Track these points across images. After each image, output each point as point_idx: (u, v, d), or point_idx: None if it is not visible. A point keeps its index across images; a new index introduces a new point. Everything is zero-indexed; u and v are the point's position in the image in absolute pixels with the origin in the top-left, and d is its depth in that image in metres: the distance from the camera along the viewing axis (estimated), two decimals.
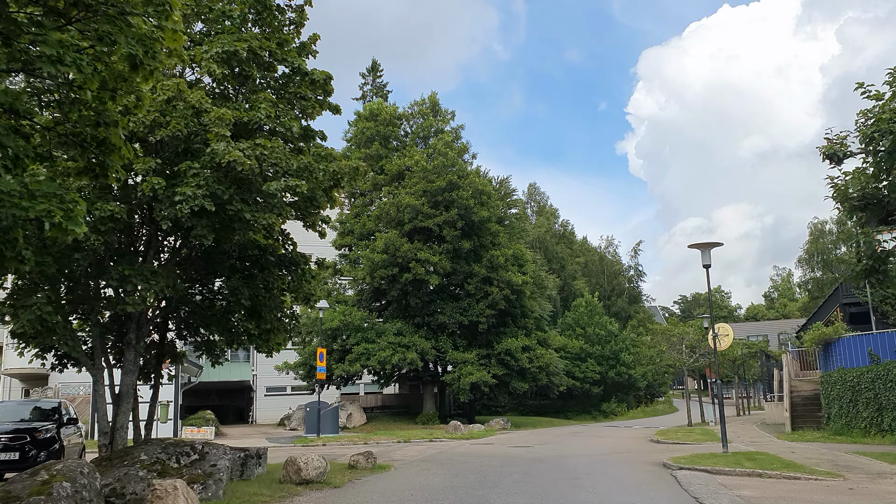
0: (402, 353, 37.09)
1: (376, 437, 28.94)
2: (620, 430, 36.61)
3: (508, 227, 47.89)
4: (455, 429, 30.33)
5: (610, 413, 64.29)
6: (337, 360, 38.70)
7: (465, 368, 38.09)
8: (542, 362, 41.08)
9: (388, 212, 38.25)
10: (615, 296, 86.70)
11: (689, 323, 37.92)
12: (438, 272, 37.92)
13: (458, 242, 38.82)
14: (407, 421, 41.49)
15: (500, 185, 50.46)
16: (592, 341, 65.30)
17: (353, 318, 37.63)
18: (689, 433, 29.11)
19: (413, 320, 39.96)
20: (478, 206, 38.94)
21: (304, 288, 15.18)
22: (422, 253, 37.13)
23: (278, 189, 11.71)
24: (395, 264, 37.81)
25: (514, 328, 41.95)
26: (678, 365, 35.47)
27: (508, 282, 39.56)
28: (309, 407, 32.18)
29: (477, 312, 39.29)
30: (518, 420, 53.18)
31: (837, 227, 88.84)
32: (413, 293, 39.09)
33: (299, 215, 13.80)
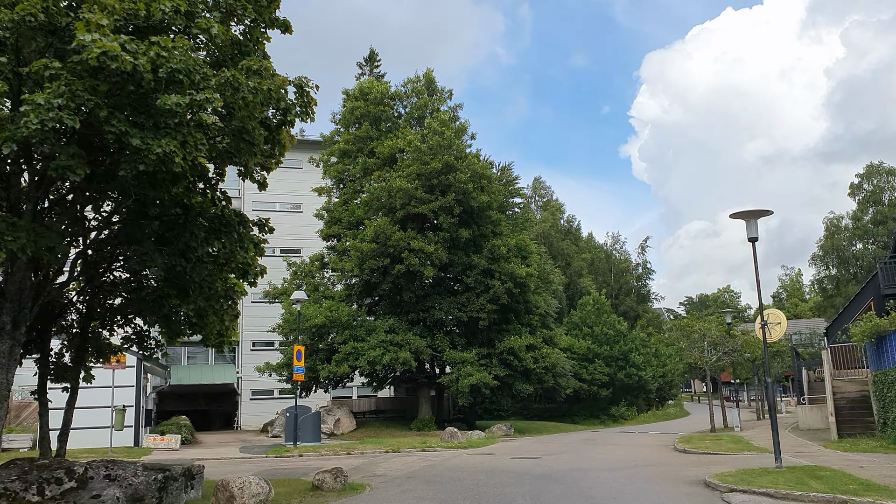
0: (393, 353, 33.60)
1: (362, 447, 25.45)
2: (636, 437, 33.09)
3: (511, 217, 44.41)
4: (451, 436, 26.81)
5: (619, 417, 60.71)
6: (323, 361, 35.23)
7: (464, 369, 34.59)
8: (549, 362, 37.56)
9: (379, 197, 34.78)
10: (622, 294, 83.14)
11: (708, 318, 34.32)
12: (434, 263, 34.42)
13: (456, 231, 35.32)
14: (401, 427, 37.99)
15: (501, 172, 47.05)
16: (600, 341, 61.78)
17: (340, 314, 34.14)
18: (717, 440, 25.57)
19: (407, 317, 36.45)
20: (477, 191, 35.43)
21: (238, 257, 11.73)
22: (415, 242, 33.64)
23: (180, 105, 8.17)
24: (387, 255, 34.32)
25: (517, 325, 38.43)
26: (700, 364, 31.92)
27: (511, 274, 36.04)
28: (289, 412, 28.72)
29: (477, 308, 35.79)
30: (522, 425, 49.65)
31: (854, 223, 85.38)
32: (406, 287, 35.59)
33: (228, 152, 10.30)
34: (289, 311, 35.77)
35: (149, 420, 31.13)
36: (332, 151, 38.88)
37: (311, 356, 35.55)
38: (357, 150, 38.57)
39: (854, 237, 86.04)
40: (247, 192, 51.02)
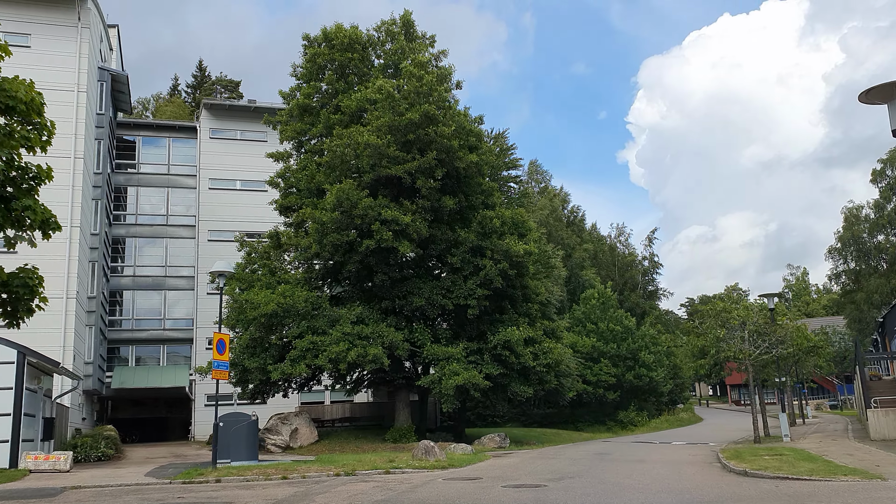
0: (361, 348, 27.24)
1: (307, 468, 19.04)
2: (661, 449, 26.74)
3: (506, 191, 38.10)
4: (426, 453, 20.40)
5: (628, 423, 54.42)
6: (275, 359, 28.85)
7: (449, 367, 28.22)
8: (551, 359, 31.20)
9: (343, 157, 28.40)
10: (627, 290, 76.83)
11: (748, 304, 27.99)
12: (411, 238, 28.05)
13: (438, 199, 28.99)
14: (375, 438, 31.60)
15: (495, 140, 40.59)
16: (606, 339, 55.52)
17: (296, 301, 27.74)
18: (780, 457, 19.20)
19: (379, 304, 30.08)
20: (464, 150, 29.11)
21: None
22: (388, 211, 27.29)
23: None
24: (352, 227, 27.99)
25: (513, 315, 32.10)
26: (741, 358, 25.61)
27: (506, 252, 29.70)
28: (222, 421, 22.34)
29: (464, 293, 29.47)
30: (520, 433, 43.25)
31: (875, 212, 79.25)
32: (378, 267, 29.24)
33: None
34: (233, 297, 29.38)
35: (49, 433, 24.67)
36: (291, 110, 32.49)
37: (260, 353, 29.23)
38: (320, 106, 32.24)
39: (876, 228, 79.79)
40: (203, 168, 44.66)
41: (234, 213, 43.89)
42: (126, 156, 45.48)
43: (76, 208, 32.41)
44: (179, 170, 45.85)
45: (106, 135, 38.04)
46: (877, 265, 79.27)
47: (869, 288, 75.33)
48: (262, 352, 29.38)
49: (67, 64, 33.51)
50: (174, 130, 46.27)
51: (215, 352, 19.59)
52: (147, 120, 45.94)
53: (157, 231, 45.07)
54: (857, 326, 78.41)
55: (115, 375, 41.24)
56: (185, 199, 45.47)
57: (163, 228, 45.01)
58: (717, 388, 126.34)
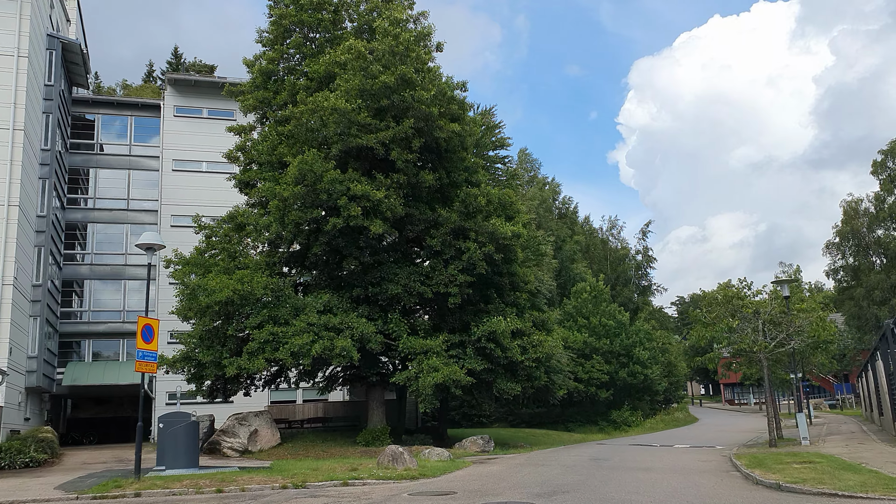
0: (327, 340, 24.12)
1: (250, 477, 15.94)
2: (663, 454, 23.76)
3: (493, 171, 35.07)
4: (394, 460, 17.31)
5: (622, 423, 51.53)
6: (232, 352, 25.70)
7: (428, 362, 25.15)
8: (540, 353, 28.16)
9: (307, 124, 25.23)
10: (620, 285, 73.94)
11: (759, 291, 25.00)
12: (385, 216, 24.93)
13: (416, 174, 25.89)
14: (346, 440, 28.51)
15: (481, 116, 37.39)
16: (598, 334, 52.64)
17: (255, 287, 24.57)
18: (811, 465, 16.24)
19: (350, 292, 26.97)
20: (445, 120, 26.01)
21: None
22: (358, 186, 24.15)
23: None
24: (317, 203, 24.84)
25: (499, 304, 29.06)
26: (756, 350, 22.63)
27: (492, 234, 26.65)
28: (162, 422, 19.22)
29: (445, 280, 26.41)
30: (507, 434, 40.28)
31: (876, 205, 76.70)
32: (348, 250, 26.13)
33: None
34: (184, 283, 26.20)
35: None
36: (254, 78, 29.27)
37: (216, 346, 26.11)
38: (286, 73, 29.09)
39: (875, 222, 77.18)
40: (166, 149, 41.39)
41: (199, 197, 40.54)
42: (84, 135, 42.14)
43: (14, 185, 29.11)
44: (142, 150, 42.54)
45: (56, 108, 34.69)
46: (877, 260, 76.74)
47: (869, 284, 72.70)
48: (218, 345, 26.27)
49: (6, 25, 30.19)
50: (136, 108, 42.94)
51: (140, 340, 16.42)
52: (106, 97, 42.62)
53: (118, 216, 41.77)
54: (855, 323, 75.82)
55: (67, 372, 37.91)
56: (148, 181, 42.19)
57: (123, 213, 41.71)
58: (709, 387, 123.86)
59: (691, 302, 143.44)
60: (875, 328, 72.77)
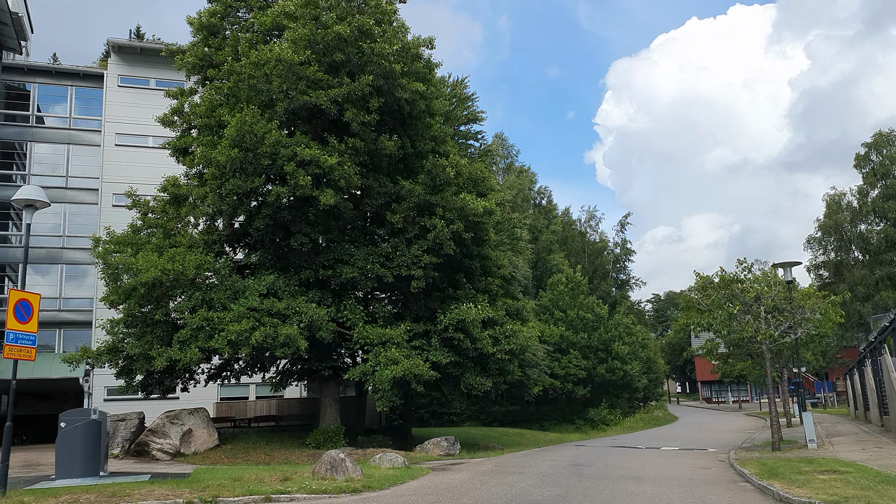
0: (270, 328, 20.92)
1: (150, 490, 12.75)
2: (651, 458, 20.88)
3: (464, 147, 32.04)
4: (332, 468, 14.19)
5: (600, 422, 48.80)
6: (161, 341, 22.41)
7: (386, 353, 22.06)
8: (514, 344, 25.18)
9: (249, 80, 21.94)
10: (598, 278, 71.30)
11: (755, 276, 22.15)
12: (337, 186, 21.74)
13: (375, 139, 22.73)
14: (295, 441, 25.31)
15: (452, 88, 34.05)
16: (576, 328, 49.85)
17: (186, 267, 21.28)
18: (838, 474, 13.39)
19: (299, 274, 23.76)
20: (408, 79, 22.88)
21: None
22: (305, 150, 20.91)
23: None
24: (259, 170, 21.56)
25: (469, 290, 26.05)
26: (760, 340, 19.80)
27: (461, 210, 23.61)
28: (64, 421, 15.91)
29: (408, 261, 23.31)
30: (478, 434, 37.32)
31: (859, 199, 74.89)
32: (296, 225, 22.93)
33: None
34: (105, 261, 22.83)
35: None
36: (195, 33, 25.88)
37: (145, 335, 22.84)
38: (230, 26, 25.79)
39: (858, 216, 75.28)
40: (108, 121, 37.81)
41: (144, 175, 36.92)
42: (19, 106, 38.46)
43: None
44: (83, 124, 38.93)
45: None
46: (859, 256, 74.85)
47: (852, 279, 70.75)
48: (148, 334, 23.00)
49: None
50: (78, 78, 39.26)
51: (12, 319, 13.12)
52: (43, 65, 38.97)
53: (55, 195, 38.05)
54: None
55: None
56: (89, 157, 38.59)
57: (61, 192, 38.06)
58: (686, 384, 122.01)
59: (667, 300, 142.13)
60: (858, 325, 70.88)
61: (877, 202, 72.23)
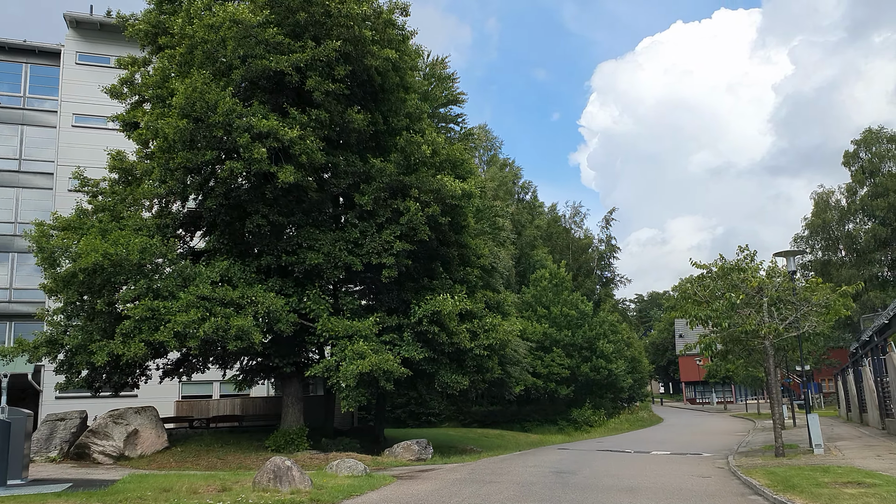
0: (221, 319, 18.80)
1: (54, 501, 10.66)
2: (642, 463, 18.98)
3: (444, 130, 30.03)
4: (277, 478, 12.13)
5: (584, 423, 46.97)
6: (103, 334, 20.23)
7: (352, 347, 20.01)
8: (494, 339, 23.20)
9: (203, 44, 19.80)
10: (583, 276, 69.54)
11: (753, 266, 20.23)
12: (299, 162, 19.63)
13: (342, 111, 20.66)
14: (254, 443, 23.17)
15: (432, 67, 31.74)
16: (559, 325, 47.99)
17: (130, 251, 19.12)
18: (859, 485, 11.52)
19: (258, 261, 21.64)
20: (379, 46, 20.82)
21: None
22: (263, 121, 18.82)
23: None
24: (211, 143, 19.43)
25: (446, 280, 24.02)
26: (764, 334, 17.93)
27: (437, 192, 21.60)
28: None
29: (379, 247, 21.27)
30: (456, 436, 35.37)
31: (848, 197, 73.72)
32: (253, 205, 20.81)
33: None
34: (40, 245, 20.58)
35: None
36: (149, 10, 23.66)
37: (88, 327, 20.67)
38: None
39: (847, 215, 74.06)
40: (65, 101, 35.44)
41: (103, 158, 34.67)
42: None
43: None
44: (38, 103, 36.55)
45: None
46: (846, 256, 73.61)
47: (839, 279, 69.36)
48: (90, 324, 20.83)
49: None
50: (33, 55, 36.85)
51: None
52: None
53: (7, 178, 35.75)
54: None
55: None
56: (44, 139, 36.21)
57: (13, 175, 35.69)
58: (669, 385, 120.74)
59: (650, 300, 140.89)
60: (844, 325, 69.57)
61: (865, 200, 71.03)
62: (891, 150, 71.77)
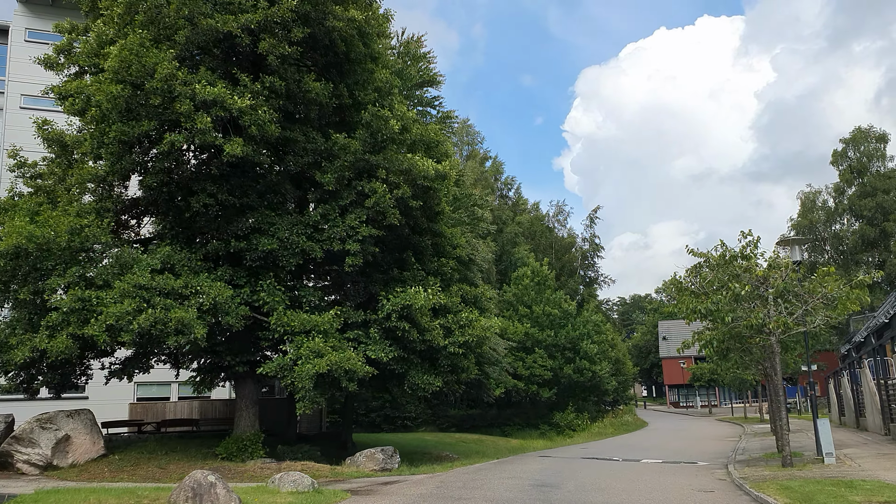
0: (160, 310, 16.55)
1: None
2: (634, 474, 16.95)
3: (419, 113, 27.94)
4: (197, 497, 9.93)
5: (566, 427, 44.98)
6: (27, 327, 17.94)
7: (310, 344, 17.85)
8: (470, 336, 21.09)
9: (143, 5, 17.56)
10: (566, 275, 67.66)
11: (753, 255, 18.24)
12: (249, 135, 17.43)
13: (299, 80, 18.49)
14: (206, 450, 20.90)
15: (406, 45, 29.35)
16: (542, 325, 45.99)
17: (59, 234, 16.87)
18: None
19: (206, 246, 19.38)
20: (342, 7, 18.67)
21: None
22: (208, 88, 16.62)
23: None
24: (150, 113, 17.18)
25: (418, 272, 21.91)
26: (772, 328, 15.97)
27: (408, 172, 19.53)
28: None
29: (342, 233, 19.11)
30: (431, 441, 33.27)
31: (835, 197, 72.42)
32: (199, 183, 18.57)
33: None
34: None
35: None
36: None
37: (11, 320, 18.36)
38: None
39: (833, 215, 72.70)
40: (13, 81, 33.00)
41: None
42: None
43: None
44: None
45: None
46: (833, 258, 72.19)
47: None
48: (16, 316, 18.54)
49: None
50: None
51: None
52: None
53: None
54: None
55: None
56: None
57: None
58: (652, 388, 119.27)
59: (633, 303, 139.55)
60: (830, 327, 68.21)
61: (853, 200, 69.76)
62: (879, 150, 70.58)
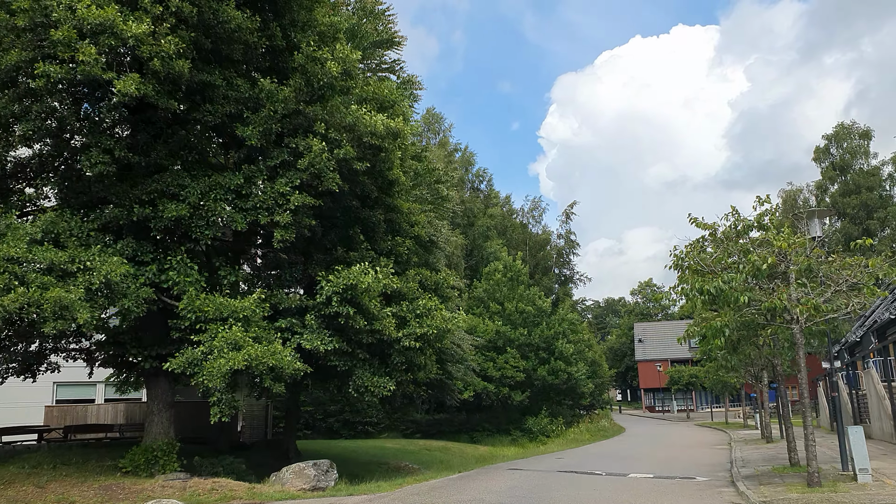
0: (34, 290, 12.99)
1: None
2: (625, 494, 13.73)
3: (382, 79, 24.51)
4: None
5: (539, 433, 41.76)
6: None
7: (226, 333, 14.40)
8: (429, 328, 17.75)
9: None
10: (540, 273, 64.65)
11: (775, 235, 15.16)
12: (151, 70, 13.94)
13: (216, 7, 15.02)
14: (108, 463, 17.29)
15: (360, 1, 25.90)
16: (514, 323, 42.82)
17: None
18: None
19: (102, 213, 15.78)
20: None
21: None
22: (93, 10, 13.14)
23: None
24: (22, 41, 13.65)
25: (367, 251, 18.53)
26: (800, 312, 12.84)
27: (351, 128, 16.19)
28: None
29: (270, 202, 15.68)
30: (392, 450, 29.89)
31: (817, 195, 70.37)
32: (94, 138, 14.99)
33: None
34: None
35: None
36: None
37: None
38: None
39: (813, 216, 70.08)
40: None
41: None
42: None
43: None
44: None
45: None
46: None
47: None
48: None
49: None
50: None
51: None
52: None
53: None
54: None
55: None
56: None
57: None
58: (626, 392, 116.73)
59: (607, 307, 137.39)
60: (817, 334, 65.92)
61: (836, 198, 67.75)
62: (863, 146, 68.68)
